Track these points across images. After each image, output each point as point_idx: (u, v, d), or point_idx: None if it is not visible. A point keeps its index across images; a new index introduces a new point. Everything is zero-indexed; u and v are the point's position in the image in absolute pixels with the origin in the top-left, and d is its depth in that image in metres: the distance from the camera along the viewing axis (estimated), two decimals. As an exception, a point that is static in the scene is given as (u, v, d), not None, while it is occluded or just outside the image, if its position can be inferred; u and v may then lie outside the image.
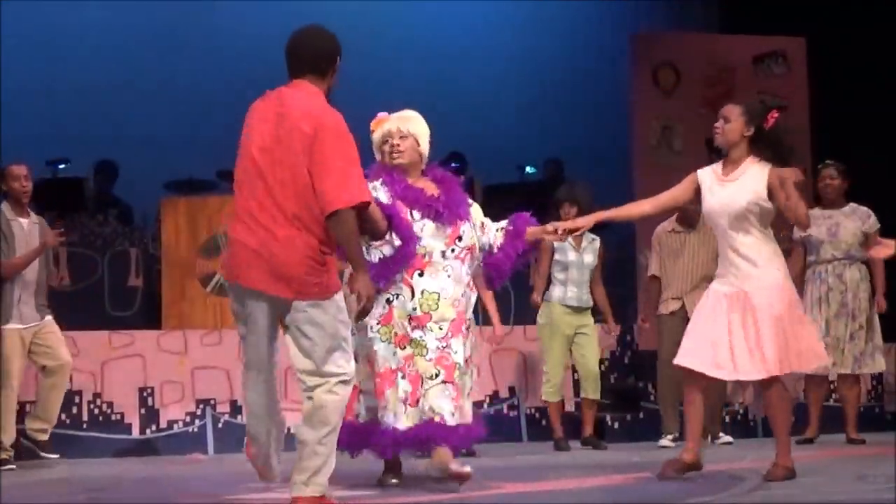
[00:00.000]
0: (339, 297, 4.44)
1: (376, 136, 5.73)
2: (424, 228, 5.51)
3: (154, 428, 8.36)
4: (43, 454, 7.52)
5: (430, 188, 5.64)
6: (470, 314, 5.67)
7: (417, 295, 5.49)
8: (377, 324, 5.52)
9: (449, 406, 5.44)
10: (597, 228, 8.81)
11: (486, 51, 13.02)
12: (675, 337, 8.25)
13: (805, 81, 10.23)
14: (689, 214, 8.23)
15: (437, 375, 5.46)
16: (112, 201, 10.29)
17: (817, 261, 8.18)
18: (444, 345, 5.49)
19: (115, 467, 7.43)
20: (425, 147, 5.71)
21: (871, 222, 8.14)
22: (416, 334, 5.50)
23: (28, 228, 7.58)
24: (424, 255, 5.51)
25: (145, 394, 8.38)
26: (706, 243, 8.21)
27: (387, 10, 12.94)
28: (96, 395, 8.40)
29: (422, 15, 13.17)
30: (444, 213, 5.54)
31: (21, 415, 7.61)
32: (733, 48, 10.29)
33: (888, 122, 10.43)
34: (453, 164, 11.63)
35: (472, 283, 5.69)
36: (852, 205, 8.25)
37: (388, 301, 5.52)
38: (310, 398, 4.46)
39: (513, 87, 12.85)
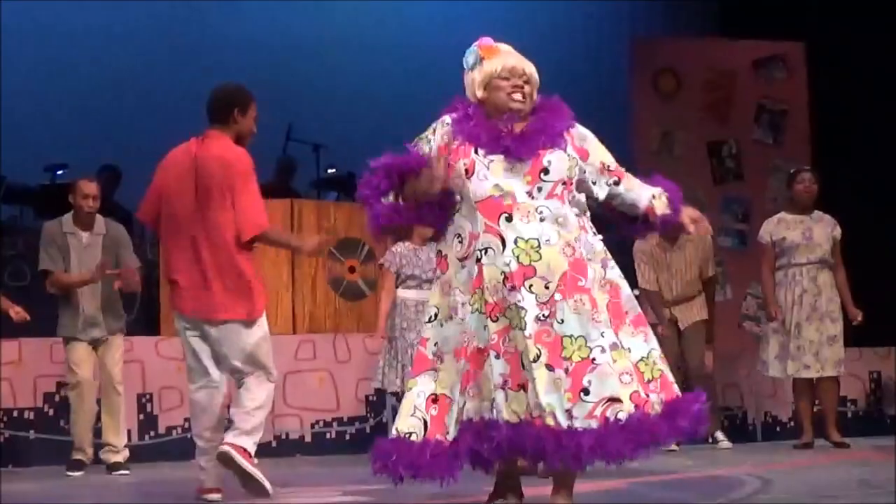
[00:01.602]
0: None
1: (490, 65, 4.55)
2: (492, 166, 4.30)
3: (153, 434, 8.34)
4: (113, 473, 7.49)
5: (518, 125, 4.43)
6: (604, 269, 4.31)
7: (510, 245, 4.21)
8: (463, 293, 4.30)
9: (560, 402, 4.06)
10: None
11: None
12: (672, 347, 8.30)
13: (805, 86, 10.22)
14: (672, 235, 8.32)
15: (538, 357, 4.09)
16: (112, 207, 10.27)
17: (790, 263, 8.17)
18: (547, 312, 4.12)
19: (114, 475, 7.40)
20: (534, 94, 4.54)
21: (838, 230, 8.16)
22: (514, 297, 4.16)
23: (88, 241, 7.56)
24: (505, 198, 4.25)
25: (144, 400, 8.36)
26: (691, 258, 8.29)
27: (382, 12, 12.94)
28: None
29: (418, 18, 13.17)
30: (514, 147, 4.32)
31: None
32: (734, 53, 10.28)
33: (889, 126, 10.42)
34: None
35: (591, 227, 4.40)
36: (818, 212, 8.25)
37: (478, 259, 4.26)
38: None
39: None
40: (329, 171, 10.72)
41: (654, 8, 13.20)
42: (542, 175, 4.29)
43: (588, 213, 4.41)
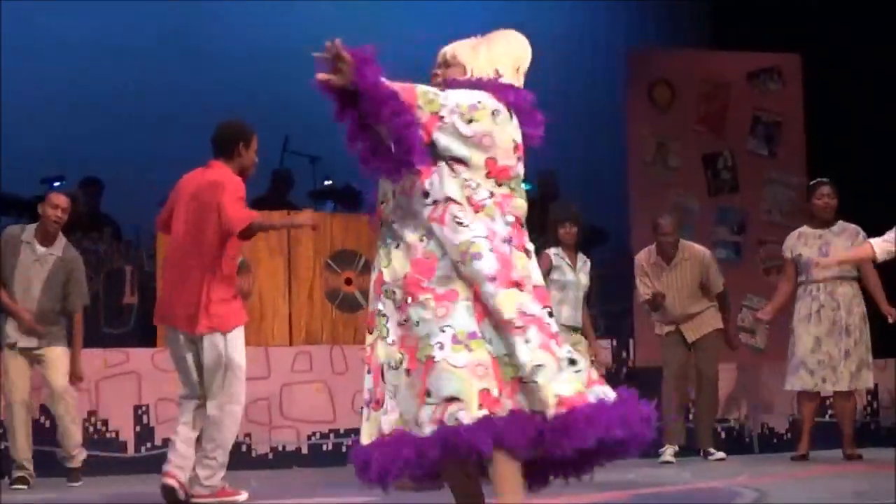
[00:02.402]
0: None
1: None
2: None
3: (149, 446, 8.33)
4: (69, 483, 7.52)
5: None
6: (462, 263, 3.75)
7: (377, 252, 3.98)
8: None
9: (412, 409, 3.73)
10: (592, 243, 8.84)
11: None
12: (677, 356, 8.31)
13: (801, 97, 10.23)
14: (666, 247, 8.35)
15: (400, 363, 3.80)
16: (99, 218, 10.27)
17: (808, 280, 8.18)
18: (405, 317, 3.79)
19: (110, 487, 7.40)
20: (478, 73, 4.11)
21: (860, 239, 8.10)
22: (375, 306, 3.93)
23: (39, 256, 7.58)
24: (385, 202, 3.94)
25: (140, 412, 8.35)
26: (689, 276, 8.32)
27: (378, 24, 12.95)
28: (91, 414, 8.37)
29: (414, 30, 13.16)
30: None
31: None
32: (728, 64, 10.29)
33: (884, 137, 10.44)
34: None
35: (454, 217, 3.80)
36: (841, 223, 8.25)
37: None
38: None
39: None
40: (325, 182, 10.72)
41: (649, 19, 13.22)
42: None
43: (453, 201, 3.78)
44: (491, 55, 4.13)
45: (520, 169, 4.03)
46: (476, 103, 3.88)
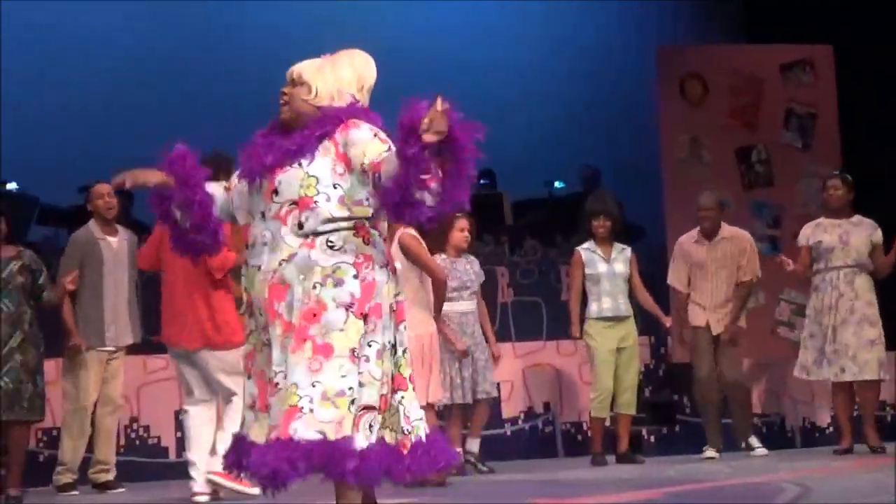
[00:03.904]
0: None
1: None
2: (249, 189, 4.19)
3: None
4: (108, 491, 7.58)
5: (285, 140, 4.16)
6: (319, 287, 3.95)
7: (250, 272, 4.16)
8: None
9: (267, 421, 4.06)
10: (628, 240, 8.83)
11: (510, 65, 13.02)
12: (709, 354, 8.28)
13: (834, 89, 10.17)
14: (707, 225, 8.32)
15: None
16: (131, 224, 10.34)
17: (827, 267, 8.15)
18: (266, 337, 4.07)
19: (152, 492, 7.44)
20: (324, 96, 4.19)
21: (878, 234, 8.14)
22: (251, 324, 4.19)
23: (117, 247, 7.67)
24: (255, 224, 4.14)
25: (181, 417, 8.40)
26: (727, 257, 8.29)
27: (401, 21, 12.97)
28: (133, 420, 8.43)
29: (445, 27, 13.19)
30: (256, 167, 4.12)
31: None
32: (760, 58, 10.24)
33: (919, 127, 10.37)
34: (482, 181, 11.65)
35: (326, 242, 4.00)
36: (858, 216, 8.24)
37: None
38: None
39: (539, 101, 12.84)
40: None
41: (680, 15, 13.18)
42: (273, 196, 4.06)
43: (336, 226, 3.99)
44: (335, 75, 4.24)
45: None
46: (377, 134, 4.09)
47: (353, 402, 3.90)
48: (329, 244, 3.99)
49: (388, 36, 12.78)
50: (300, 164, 4.04)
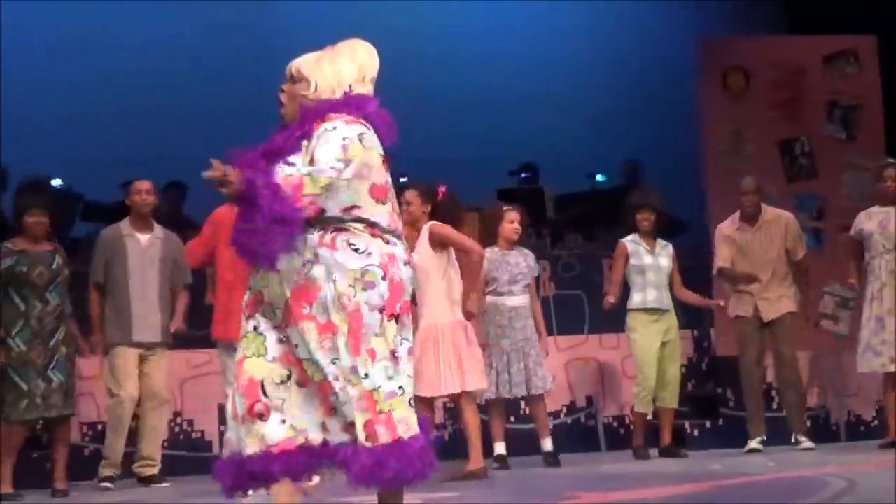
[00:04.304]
0: None
1: None
2: None
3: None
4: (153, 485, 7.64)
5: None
6: (352, 289, 3.90)
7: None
8: None
9: (313, 419, 4.02)
10: (671, 234, 8.80)
11: (552, 59, 13.00)
12: (754, 344, 8.24)
13: (878, 80, 10.08)
14: (749, 208, 8.29)
15: (288, 377, 4.01)
16: (182, 222, 10.40)
17: (872, 255, 8.14)
18: (285, 336, 4.03)
19: (196, 486, 7.49)
20: (324, 91, 4.12)
21: None
22: (250, 325, 4.15)
23: (147, 244, 7.71)
24: None
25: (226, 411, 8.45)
26: (771, 239, 8.25)
27: (441, 19, 12.97)
28: (177, 414, 8.49)
29: (486, 22, 13.19)
30: (252, 165, 3.98)
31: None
32: (803, 49, 10.17)
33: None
34: (524, 175, 11.64)
35: (346, 242, 3.96)
36: None
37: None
38: None
39: (580, 94, 12.81)
40: (401, 179, 10.76)
41: (721, 7, 13.11)
42: None
43: (350, 225, 3.93)
44: (335, 68, 4.13)
45: (388, 178, 4.09)
46: (344, 143, 3.92)
47: (409, 400, 3.90)
48: (352, 246, 3.91)
49: (431, 35, 12.83)
50: (286, 165, 3.94)
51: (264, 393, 3.92)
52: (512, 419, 8.73)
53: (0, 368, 7.21)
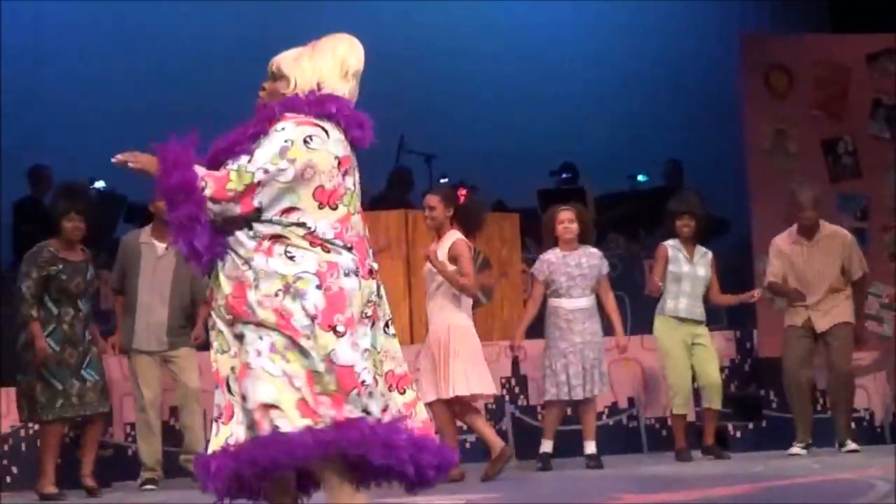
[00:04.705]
0: None
1: None
2: None
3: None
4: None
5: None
6: (281, 294, 3.90)
7: None
8: None
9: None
10: (713, 234, 8.76)
11: (591, 57, 12.97)
12: (799, 348, 8.18)
13: (923, 78, 10.00)
14: (807, 224, 8.22)
15: (234, 370, 4.03)
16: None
17: None
18: (238, 332, 4.03)
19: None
20: (304, 88, 4.08)
21: None
22: (210, 322, 4.21)
23: (162, 253, 7.76)
24: None
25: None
26: (828, 254, 8.18)
27: (488, 15, 12.96)
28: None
29: (526, 21, 13.17)
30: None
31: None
32: (846, 48, 10.09)
33: None
34: (564, 175, 11.63)
35: (282, 250, 3.96)
36: None
37: None
38: None
39: (621, 95, 12.78)
40: (442, 180, 10.79)
41: (763, 5, 13.05)
42: None
43: (288, 231, 3.90)
44: (314, 65, 4.07)
45: (349, 183, 4.00)
46: (284, 145, 3.89)
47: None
48: (288, 254, 3.89)
49: (471, 35, 12.84)
50: (229, 164, 3.94)
51: (229, 390, 3.98)
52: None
53: (34, 369, 7.28)
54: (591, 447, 7.84)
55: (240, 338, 3.93)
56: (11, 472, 8.04)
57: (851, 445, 8.15)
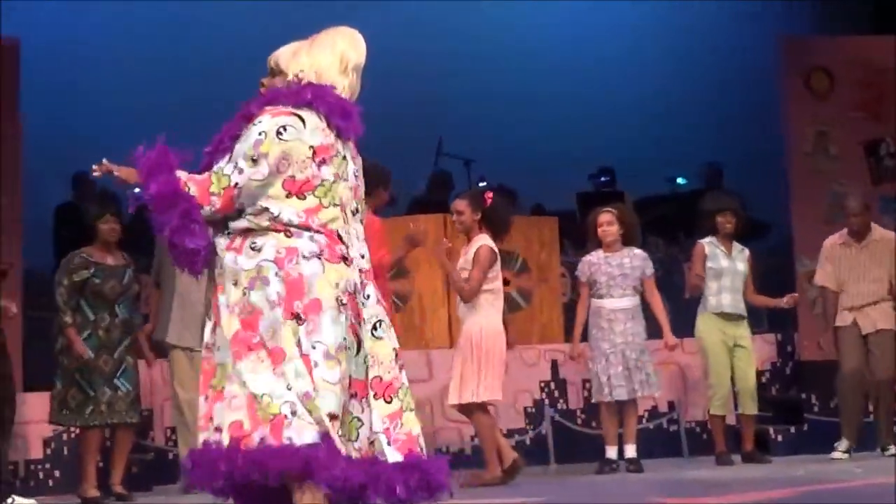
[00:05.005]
0: None
1: None
2: None
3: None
4: None
5: None
6: (247, 292, 3.86)
7: None
8: None
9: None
10: (753, 236, 8.71)
11: (630, 61, 12.95)
12: (856, 352, 8.12)
13: (964, 80, 9.91)
14: (857, 228, 8.18)
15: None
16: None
17: None
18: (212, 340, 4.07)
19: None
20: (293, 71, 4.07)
21: None
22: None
23: None
24: None
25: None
26: (877, 258, 8.13)
27: (527, 17, 12.95)
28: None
29: (564, 24, 13.16)
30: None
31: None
32: (887, 49, 10.02)
33: None
34: (602, 178, 11.60)
35: (249, 245, 3.93)
36: None
37: None
38: None
39: (659, 97, 12.75)
40: (480, 183, 10.79)
41: (803, 6, 12.97)
42: None
43: (254, 222, 3.87)
44: (312, 59, 4.02)
45: (327, 173, 3.92)
46: (258, 139, 3.86)
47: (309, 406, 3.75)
48: (252, 245, 3.86)
49: (509, 38, 12.84)
50: (217, 160, 3.93)
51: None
52: (592, 424, 8.69)
53: (70, 373, 7.33)
54: (631, 451, 7.82)
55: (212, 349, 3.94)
56: (54, 475, 8.08)
57: (893, 450, 8.09)
